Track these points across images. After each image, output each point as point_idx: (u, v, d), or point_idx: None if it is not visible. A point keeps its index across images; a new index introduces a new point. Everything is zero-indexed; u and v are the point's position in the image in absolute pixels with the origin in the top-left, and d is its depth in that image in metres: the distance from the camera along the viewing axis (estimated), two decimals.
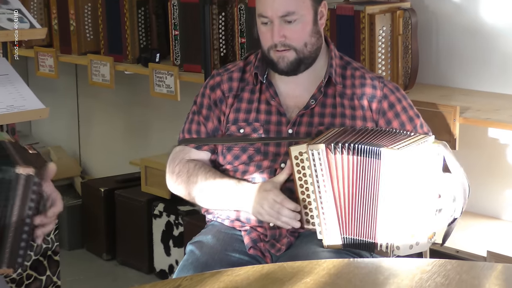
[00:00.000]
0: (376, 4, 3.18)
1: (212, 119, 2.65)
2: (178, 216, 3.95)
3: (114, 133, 4.90)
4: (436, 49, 3.34)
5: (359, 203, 2.35)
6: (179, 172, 2.63)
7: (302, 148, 2.39)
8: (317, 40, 2.57)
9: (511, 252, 2.79)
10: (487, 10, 3.18)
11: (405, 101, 2.61)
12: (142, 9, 3.99)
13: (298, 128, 2.56)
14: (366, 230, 2.35)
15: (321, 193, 2.38)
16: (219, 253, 2.49)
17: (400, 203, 2.28)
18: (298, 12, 2.51)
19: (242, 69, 2.67)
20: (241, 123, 2.60)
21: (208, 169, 2.59)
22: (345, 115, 2.56)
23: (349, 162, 2.34)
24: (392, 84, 2.63)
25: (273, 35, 2.52)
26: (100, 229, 4.37)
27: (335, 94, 2.59)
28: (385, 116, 2.57)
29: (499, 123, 2.82)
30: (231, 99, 2.63)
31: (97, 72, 4.09)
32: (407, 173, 2.26)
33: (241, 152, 2.58)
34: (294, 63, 2.55)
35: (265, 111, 2.60)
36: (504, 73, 3.17)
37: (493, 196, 3.21)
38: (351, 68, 2.63)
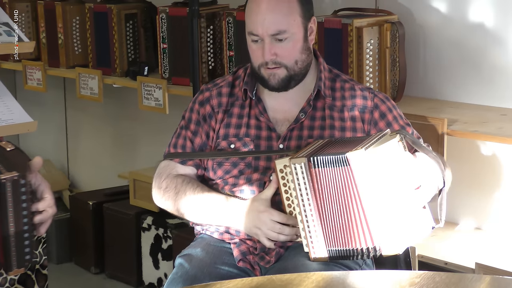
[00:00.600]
0: (363, 17, 3.19)
1: (200, 134, 2.64)
2: (167, 229, 3.95)
3: (103, 146, 4.90)
4: (423, 62, 3.35)
5: (344, 213, 2.34)
6: (166, 187, 2.62)
7: (285, 162, 2.39)
8: (307, 57, 2.58)
9: (500, 264, 2.80)
10: (474, 23, 3.19)
11: (395, 111, 2.62)
12: (130, 23, 4.00)
13: (289, 143, 2.57)
14: (358, 238, 2.33)
15: (305, 206, 2.37)
16: (208, 266, 2.49)
17: (384, 198, 2.28)
18: (289, 30, 2.51)
19: (231, 84, 2.67)
20: (232, 138, 2.60)
21: (196, 185, 2.59)
22: (334, 127, 2.57)
23: (325, 174, 2.33)
24: (382, 94, 2.64)
25: (264, 53, 2.52)
26: (89, 242, 4.35)
27: (325, 107, 2.59)
28: (376, 126, 2.57)
29: (486, 135, 2.83)
30: (221, 114, 2.63)
31: (85, 86, 4.09)
32: (379, 167, 2.27)
33: (232, 167, 2.57)
34: (285, 80, 2.55)
35: (255, 126, 2.60)
36: (492, 85, 3.18)
37: (480, 207, 3.22)
38: (340, 81, 2.64)
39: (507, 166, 3.14)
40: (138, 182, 4.08)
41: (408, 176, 2.31)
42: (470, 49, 3.22)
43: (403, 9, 3.33)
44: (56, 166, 5.07)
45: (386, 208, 2.28)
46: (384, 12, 3.28)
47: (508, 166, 3.13)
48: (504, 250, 3.01)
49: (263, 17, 2.50)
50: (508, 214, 3.16)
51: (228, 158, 2.58)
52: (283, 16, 2.50)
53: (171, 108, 3.75)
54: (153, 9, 4.00)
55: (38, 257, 3.38)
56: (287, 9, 2.51)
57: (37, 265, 3.38)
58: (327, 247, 2.38)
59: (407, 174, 2.31)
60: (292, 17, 2.52)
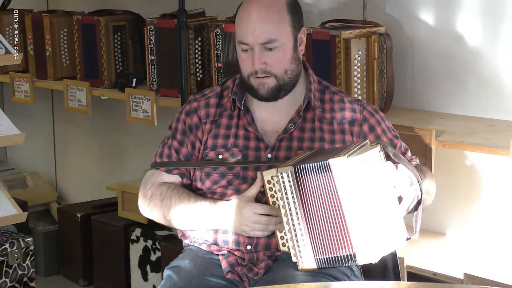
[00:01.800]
0: (351, 29, 3.20)
1: (186, 144, 2.64)
2: (156, 241, 3.94)
3: (91, 158, 4.89)
4: (411, 73, 3.36)
5: (327, 220, 2.34)
6: (151, 196, 2.62)
7: (272, 172, 2.39)
8: (296, 67, 2.58)
9: (488, 274, 2.80)
10: (462, 35, 3.21)
11: (384, 123, 2.63)
12: (118, 34, 4.00)
13: (277, 153, 2.57)
14: (341, 244, 2.34)
15: (292, 216, 2.38)
16: (197, 278, 2.49)
17: (364, 207, 2.29)
18: (279, 39, 2.52)
19: (219, 95, 2.67)
20: (220, 149, 2.60)
21: (182, 191, 2.59)
22: (324, 139, 2.57)
23: (311, 182, 2.34)
24: (371, 106, 2.65)
25: (253, 62, 2.52)
26: (77, 254, 4.34)
27: (314, 119, 2.60)
28: (365, 139, 2.58)
29: (474, 146, 2.84)
30: (208, 125, 2.63)
31: (73, 97, 4.08)
32: (360, 175, 2.28)
33: (220, 177, 2.57)
34: (275, 90, 2.55)
35: (244, 136, 2.60)
36: (479, 96, 3.19)
37: (469, 218, 3.22)
38: (329, 92, 2.64)
39: (494, 176, 3.15)
40: (127, 194, 4.07)
41: (388, 186, 2.31)
42: (458, 60, 3.23)
43: (390, 20, 3.35)
44: (44, 178, 5.05)
45: (365, 216, 2.29)
46: (371, 23, 3.29)
47: (496, 176, 3.14)
48: (492, 261, 3.01)
49: (254, 26, 2.51)
50: (496, 224, 3.16)
51: (216, 168, 2.57)
52: (273, 25, 2.51)
53: (160, 119, 3.75)
54: (141, 21, 4.00)
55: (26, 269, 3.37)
56: (278, 18, 2.52)
57: (25, 277, 3.37)
58: (315, 256, 2.38)
59: (387, 184, 2.31)
60: (282, 27, 2.52)
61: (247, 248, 2.52)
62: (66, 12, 4.26)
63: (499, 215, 3.15)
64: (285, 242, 2.45)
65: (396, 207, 2.33)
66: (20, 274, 3.36)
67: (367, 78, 3.18)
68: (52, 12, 4.31)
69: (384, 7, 3.40)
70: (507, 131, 2.92)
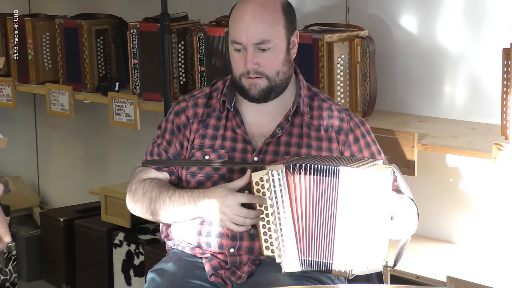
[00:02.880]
0: (334, 33, 3.21)
1: (174, 143, 2.65)
2: (139, 245, 3.93)
3: (73, 163, 4.87)
4: (394, 77, 3.37)
5: (317, 223, 2.35)
6: (135, 190, 2.63)
7: (262, 173, 2.40)
8: (288, 69, 2.59)
9: (470, 277, 2.81)
10: (444, 38, 3.22)
11: (369, 136, 2.64)
12: (101, 38, 3.99)
13: (264, 156, 2.57)
14: (324, 251, 2.36)
15: (279, 215, 2.38)
16: (180, 280, 2.48)
17: (357, 222, 2.30)
18: (273, 40, 2.52)
19: (208, 95, 2.67)
20: (207, 149, 2.60)
21: (163, 184, 2.60)
22: (311, 146, 2.58)
23: (306, 182, 2.35)
24: (358, 118, 2.66)
25: (246, 62, 2.52)
26: (60, 259, 4.32)
27: (302, 124, 2.61)
28: (350, 149, 2.59)
29: (456, 149, 2.85)
30: (195, 125, 2.64)
31: (55, 101, 4.07)
32: (364, 191, 2.29)
33: (205, 178, 2.58)
34: (266, 91, 2.56)
35: (231, 138, 2.60)
36: (461, 100, 3.21)
37: (451, 221, 3.23)
38: (318, 99, 2.65)
39: (477, 179, 3.16)
40: (110, 198, 4.06)
41: (386, 210, 2.32)
42: (440, 64, 3.24)
43: (373, 24, 3.35)
44: (26, 183, 5.03)
45: (354, 232, 2.30)
46: (354, 27, 3.30)
47: (478, 179, 3.15)
48: (475, 263, 3.03)
49: (248, 26, 2.51)
50: (478, 227, 3.18)
51: (202, 168, 2.58)
52: (267, 26, 2.52)
53: (143, 123, 3.74)
54: (124, 24, 3.99)
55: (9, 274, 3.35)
56: (272, 19, 2.53)
57: (7, 282, 3.35)
58: (300, 257, 2.38)
59: (385, 208, 2.32)
60: (276, 28, 2.53)
61: (230, 251, 2.52)
62: (49, 16, 4.25)
63: (481, 218, 3.17)
64: (269, 245, 2.45)
65: (386, 233, 2.34)
66: (2, 279, 3.34)
67: (350, 81, 3.19)
68: (34, 16, 4.29)
69: (366, 10, 3.41)
70: (489, 134, 2.93)
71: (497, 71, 2.81)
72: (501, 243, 3.11)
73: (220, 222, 2.49)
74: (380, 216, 2.31)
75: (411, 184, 2.81)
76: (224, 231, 2.52)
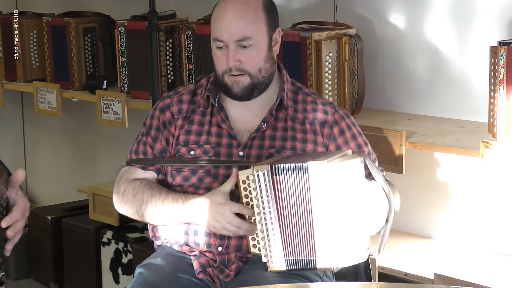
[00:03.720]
0: (322, 31, 3.21)
1: (160, 140, 2.65)
2: (127, 244, 3.92)
3: (61, 161, 4.86)
4: (382, 75, 3.38)
5: (297, 222, 2.35)
6: (124, 191, 2.62)
7: (249, 172, 2.40)
8: (270, 66, 2.59)
9: (458, 274, 2.82)
10: (432, 36, 3.23)
11: (355, 128, 2.64)
12: (88, 36, 3.98)
13: (249, 151, 2.57)
14: (307, 248, 2.36)
15: (265, 215, 2.38)
16: (168, 275, 2.48)
17: (333, 215, 2.30)
18: (254, 37, 2.53)
19: (192, 92, 2.67)
20: (192, 145, 2.60)
21: (154, 185, 2.59)
22: (296, 138, 2.58)
23: (287, 181, 2.35)
24: (342, 110, 2.66)
25: (228, 59, 2.53)
26: (48, 258, 4.31)
27: (286, 118, 2.61)
28: (335, 141, 2.60)
29: (444, 147, 2.86)
30: (180, 121, 2.64)
31: (43, 100, 4.06)
32: (335, 183, 2.29)
33: (190, 174, 2.58)
34: (248, 88, 2.56)
35: (216, 133, 2.61)
36: (449, 98, 3.21)
37: (439, 219, 3.24)
38: (302, 94, 2.66)
39: (464, 177, 3.17)
40: (98, 197, 4.05)
41: (361, 199, 2.32)
42: (428, 62, 3.25)
43: (361, 22, 3.36)
44: None
45: (332, 224, 2.31)
46: (342, 25, 3.30)
47: (466, 177, 3.16)
48: (463, 260, 3.04)
49: (229, 23, 2.52)
50: (466, 224, 3.19)
51: (187, 164, 2.58)
52: (248, 23, 2.52)
53: (131, 121, 3.74)
54: (112, 22, 3.98)
55: None
56: (253, 16, 2.53)
57: None
58: (285, 257, 2.39)
59: (360, 197, 2.32)
60: (257, 25, 2.54)
61: (218, 249, 2.52)
62: (36, 13, 4.24)
63: (469, 216, 3.18)
64: (256, 243, 2.45)
65: (364, 222, 2.34)
66: None
67: (338, 79, 3.19)
68: (22, 13, 4.27)
69: (354, 9, 3.41)
70: (477, 132, 2.94)
71: (485, 69, 2.82)
72: (489, 240, 3.12)
73: (212, 228, 2.48)
74: (355, 205, 2.30)
75: (399, 182, 2.82)
76: (211, 230, 2.52)
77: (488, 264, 3.00)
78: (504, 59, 2.64)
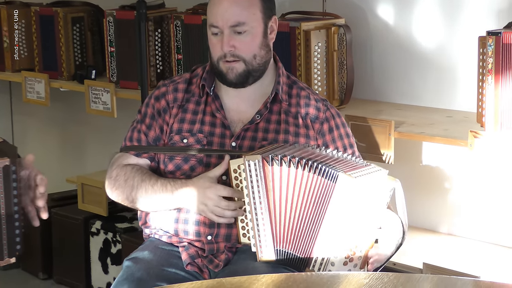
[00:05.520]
0: (311, 21, 3.21)
1: (154, 128, 2.65)
2: (116, 234, 3.92)
3: (50, 151, 4.85)
4: (371, 65, 3.38)
5: (301, 218, 2.36)
6: (116, 176, 2.63)
7: (240, 161, 2.41)
8: (266, 54, 2.60)
9: (446, 264, 2.83)
10: (420, 27, 3.23)
11: (343, 129, 2.65)
12: (77, 26, 3.96)
13: (242, 142, 2.58)
14: (303, 247, 2.37)
15: (255, 205, 2.39)
16: (155, 268, 2.49)
17: (344, 226, 2.30)
18: (248, 23, 2.54)
19: (188, 81, 2.68)
20: (185, 133, 2.61)
21: (145, 171, 2.60)
22: (288, 132, 2.59)
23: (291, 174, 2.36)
24: (334, 109, 2.68)
25: (222, 45, 2.54)
26: (36, 248, 4.30)
27: (280, 111, 2.62)
28: (323, 138, 2.61)
29: (433, 137, 2.86)
30: (175, 109, 2.65)
31: (31, 89, 4.05)
32: (359, 201, 2.29)
33: (183, 162, 2.59)
34: (243, 75, 2.57)
35: (210, 123, 2.61)
36: (438, 88, 3.22)
37: (428, 208, 3.25)
38: (297, 88, 2.67)
39: (453, 167, 3.18)
40: (87, 187, 4.05)
41: (375, 222, 2.32)
42: (416, 52, 3.26)
43: (350, 12, 3.36)
44: None
45: (337, 234, 2.31)
46: (331, 15, 3.30)
47: (454, 167, 3.17)
48: (451, 250, 3.05)
49: (224, 9, 2.53)
50: (454, 214, 3.20)
51: (179, 153, 2.58)
52: (243, 8, 2.54)
53: (119, 111, 3.73)
54: (100, 12, 3.97)
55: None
56: (248, 2, 2.55)
57: None
58: (275, 247, 2.40)
59: (374, 221, 2.32)
60: (252, 11, 2.55)
61: (207, 238, 2.53)
62: (24, 3, 4.22)
63: (457, 205, 3.19)
64: (245, 232, 2.46)
65: (369, 244, 2.34)
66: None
67: (327, 69, 3.19)
68: (10, 3, 4.25)
69: None
70: (465, 121, 2.95)
71: (473, 59, 2.83)
72: (477, 229, 3.14)
73: (201, 212, 2.49)
74: (368, 223, 2.31)
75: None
76: (201, 219, 2.53)
77: (476, 254, 3.01)
78: (492, 49, 2.64)
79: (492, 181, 3.09)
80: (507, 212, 3.07)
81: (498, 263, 2.93)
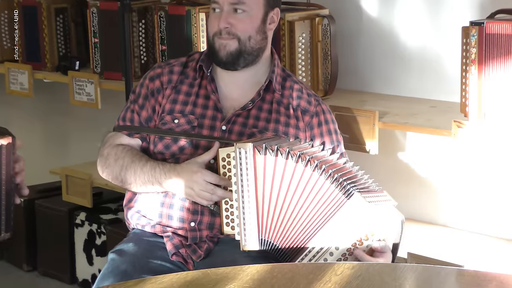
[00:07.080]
0: (295, 11, 3.21)
1: (147, 108, 2.67)
2: (101, 225, 3.92)
3: (34, 142, 4.83)
4: (355, 55, 3.39)
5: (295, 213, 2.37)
6: (107, 155, 2.65)
7: (230, 150, 2.42)
8: (261, 40, 2.63)
9: (430, 253, 2.85)
10: (404, 18, 3.24)
11: (333, 125, 2.67)
12: (60, 17, 3.95)
13: (232, 126, 2.60)
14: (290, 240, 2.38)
15: (243, 193, 2.40)
16: (140, 260, 2.49)
17: (338, 242, 2.32)
18: (249, 5, 2.59)
19: (184, 64, 2.72)
20: (177, 114, 2.63)
21: (136, 152, 2.62)
22: (279, 121, 2.61)
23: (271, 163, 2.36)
24: (326, 105, 2.70)
25: (220, 21, 2.58)
26: (20, 239, 4.29)
27: (272, 101, 2.65)
28: (311, 131, 2.63)
29: (416, 127, 2.87)
30: (168, 90, 2.67)
31: (15, 81, 4.03)
32: (361, 224, 2.31)
33: (172, 142, 2.61)
34: (234, 54, 2.59)
35: (202, 105, 2.64)
36: (421, 79, 3.23)
37: (412, 199, 3.26)
38: (291, 81, 2.70)
39: (436, 157, 3.19)
40: (71, 178, 4.04)
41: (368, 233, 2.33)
42: (400, 43, 3.26)
43: (334, 3, 3.36)
44: None
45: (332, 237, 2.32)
46: (315, 6, 3.30)
47: (438, 157, 3.19)
48: (435, 240, 3.06)
49: None
50: (437, 204, 3.21)
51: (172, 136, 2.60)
52: None
53: (104, 102, 3.72)
54: (84, 3, 3.95)
55: None
56: None
57: None
58: (260, 236, 2.40)
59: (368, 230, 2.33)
60: None
61: (190, 225, 2.53)
62: None
63: (440, 195, 3.20)
64: (229, 221, 2.47)
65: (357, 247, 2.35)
66: None
67: (311, 60, 3.20)
68: None
69: None
70: (449, 112, 2.96)
71: (457, 50, 2.83)
72: (461, 219, 3.15)
73: (188, 196, 2.51)
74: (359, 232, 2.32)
75: (371, 162, 2.84)
76: (186, 205, 2.54)
77: (460, 243, 3.03)
78: (475, 39, 2.65)
79: (475, 171, 3.10)
80: (490, 202, 3.09)
81: (482, 253, 2.95)
